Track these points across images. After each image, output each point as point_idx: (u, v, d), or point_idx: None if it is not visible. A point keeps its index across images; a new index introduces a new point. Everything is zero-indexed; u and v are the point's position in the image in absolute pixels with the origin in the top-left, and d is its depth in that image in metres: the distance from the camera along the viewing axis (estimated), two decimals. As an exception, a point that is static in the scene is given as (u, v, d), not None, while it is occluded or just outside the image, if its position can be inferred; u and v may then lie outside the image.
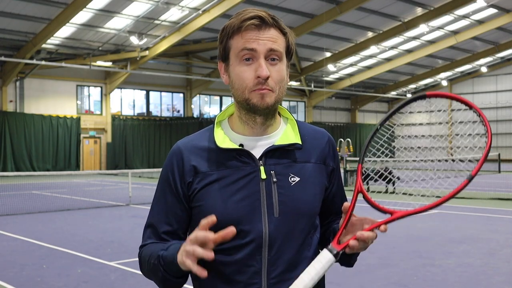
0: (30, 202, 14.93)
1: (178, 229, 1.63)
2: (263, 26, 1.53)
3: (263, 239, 1.54)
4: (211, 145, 1.61)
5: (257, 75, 1.51)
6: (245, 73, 1.53)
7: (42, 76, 29.38)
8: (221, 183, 1.56)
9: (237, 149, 1.58)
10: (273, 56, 1.53)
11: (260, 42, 1.52)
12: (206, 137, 1.64)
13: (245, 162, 1.58)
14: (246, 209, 1.55)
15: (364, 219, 1.49)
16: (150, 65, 32.43)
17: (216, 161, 1.59)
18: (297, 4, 25.83)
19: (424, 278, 6.59)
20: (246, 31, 1.52)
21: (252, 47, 1.51)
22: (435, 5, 28.10)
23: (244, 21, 1.52)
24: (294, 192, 1.58)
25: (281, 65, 1.56)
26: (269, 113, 1.59)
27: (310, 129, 1.71)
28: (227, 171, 1.57)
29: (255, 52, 1.52)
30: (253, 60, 1.53)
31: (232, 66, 1.57)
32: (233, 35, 1.55)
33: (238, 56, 1.54)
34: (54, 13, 22.76)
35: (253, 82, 1.52)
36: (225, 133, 1.63)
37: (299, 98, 42.62)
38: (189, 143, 1.65)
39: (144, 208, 13.66)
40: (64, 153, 29.86)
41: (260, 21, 1.52)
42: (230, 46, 1.56)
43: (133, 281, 6.50)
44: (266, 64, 1.52)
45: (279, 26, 1.56)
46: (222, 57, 1.61)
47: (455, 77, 46.36)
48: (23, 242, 9.15)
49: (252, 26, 1.52)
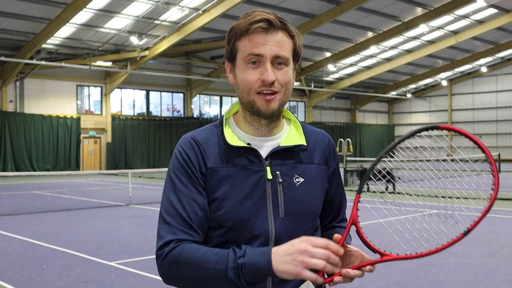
0: (30, 202, 14.93)
1: (203, 218, 1.55)
2: (271, 29, 1.53)
3: (270, 238, 1.55)
4: (221, 141, 1.61)
5: (262, 78, 1.52)
6: (250, 75, 1.53)
7: (42, 76, 29.38)
8: (230, 180, 1.56)
9: (246, 147, 1.58)
10: (279, 61, 1.54)
11: (267, 47, 1.52)
12: (215, 133, 1.63)
13: (253, 162, 1.58)
14: (253, 208, 1.55)
15: (354, 252, 1.45)
16: (150, 65, 32.43)
17: (226, 158, 1.58)
18: (297, 4, 25.83)
19: (424, 278, 6.59)
20: (253, 34, 1.52)
21: (259, 52, 1.51)
22: (435, 5, 28.10)
23: (252, 23, 1.52)
24: (299, 193, 1.60)
25: (287, 69, 1.56)
26: (274, 116, 1.60)
27: (312, 130, 1.72)
28: (235, 168, 1.57)
29: (262, 57, 1.52)
30: (260, 64, 1.53)
31: (239, 68, 1.57)
32: (240, 37, 1.55)
33: (245, 60, 1.54)
34: (54, 13, 22.76)
35: (257, 84, 1.53)
36: (233, 131, 1.64)
37: (299, 98, 42.62)
38: (200, 135, 1.63)
39: (144, 208, 13.66)
40: (64, 153, 29.86)
41: (268, 25, 1.52)
42: (237, 48, 1.56)
43: (132, 281, 6.50)
44: (272, 68, 1.53)
45: (287, 29, 1.56)
46: (229, 58, 1.61)
47: (455, 77, 46.36)
48: (23, 242, 9.15)
49: (260, 29, 1.52)
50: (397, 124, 51.67)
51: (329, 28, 29.40)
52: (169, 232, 1.51)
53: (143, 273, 6.87)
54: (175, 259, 1.47)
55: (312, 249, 1.32)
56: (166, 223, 1.53)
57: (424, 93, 49.29)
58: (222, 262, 1.41)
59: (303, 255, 1.32)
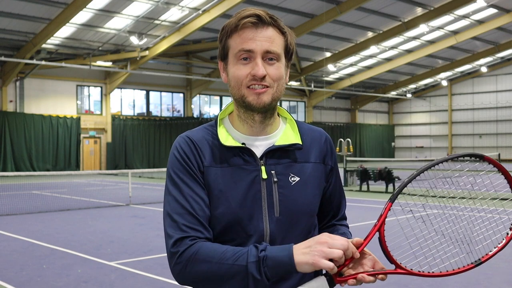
0: (30, 202, 14.93)
1: (208, 214, 1.54)
2: (260, 24, 1.53)
3: (264, 238, 1.55)
4: (215, 141, 1.61)
5: (253, 73, 1.51)
6: (240, 70, 1.53)
7: (42, 76, 29.38)
8: (224, 180, 1.56)
9: (240, 147, 1.58)
10: (270, 56, 1.53)
11: (258, 42, 1.51)
12: (210, 133, 1.64)
13: (247, 161, 1.58)
14: (248, 208, 1.55)
15: (367, 256, 1.47)
16: (150, 65, 32.44)
17: (220, 158, 1.58)
18: (297, 4, 25.83)
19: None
20: (243, 29, 1.52)
21: (249, 48, 1.51)
22: (435, 5, 28.11)
23: (241, 19, 1.52)
24: (294, 192, 1.59)
25: (278, 64, 1.55)
26: (267, 111, 1.58)
27: (308, 128, 1.71)
28: (230, 168, 1.57)
29: (252, 53, 1.52)
30: (250, 60, 1.53)
31: (230, 65, 1.57)
32: (231, 34, 1.55)
33: (236, 56, 1.54)
34: (54, 13, 22.76)
35: (248, 78, 1.52)
36: (228, 131, 1.63)
37: (299, 98, 42.63)
38: (195, 135, 1.63)
39: (144, 208, 13.66)
40: (64, 153, 29.86)
41: (257, 19, 1.52)
42: (228, 46, 1.57)
43: (132, 281, 6.50)
44: (263, 63, 1.53)
45: (277, 26, 1.56)
46: (221, 56, 1.62)
47: (455, 77, 46.37)
48: (23, 242, 9.14)
49: (249, 24, 1.52)
50: (397, 124, 51.67)
51: (329, 28, 29.41)
52: (180, 230, 1.49)
53: (143, 273, 6.87)
54: (193, 257, 1.45)
55: (331, 241, 1.36)
56: (175, 222, 1.51)
57: (424, 93, 49.29)
58: (243, 258, 1.40)
59: (322, 245, 1.36)
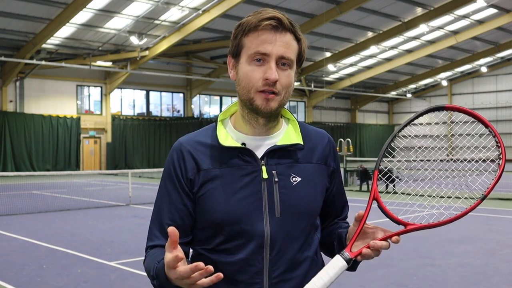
0: (30, 202, 14.92)
1: (182, 224, 1.59)
2: (280, 28, 1.52)
3: (265, 239, 1.54)
4: (214, 143, 1.60)
5: (265, 77, 1.50)
6: (254, 72, 1.52)
7: (42, 76, 29.38)
8: (223, 181, 1.56)
9: (240, 148, 1.57)
10: (284, 62, 1.53)
11: (275, 46, 1.51)
12: (209, 134, 1.63)
13: (247, 161, 1.57)
14: (248, 208, 1.54)
15: (375, 228, 1.50)
16: (150, 65, 32.43)
17: (219, 159, 1.58)
18: (297, 4, 25.83)
19: (424, 278, 6.59)
20: (262, 31, 1.51)
21: (265, 51, 1.50)
22: (435, 5, 28.10)
23: (262, 20, 1.50)
24: (296, 192, 1.58)
25: (290, 72, 1.55)
26: (272, 116, 1.58)
27: (311, 129, 1.71)
28: (229, 169, 1.57)
29: (267, 56, 1.51)
30: (264, 62, 1.52)
31: (242, 64, 1.55)
32: (248, 33, 1.53)
33: (250, 56, 1.52)
34: (54, 13, 22.76)
35: (261, 82, 1.51)
36: (228, 132, 1.63)
37: (299, 98, 42.62)
38: (191, 140, 1.64)
39: (144, 208, 13.67)
40: (64, 153, 29.86)
41: (277, 23, 1.51)
42: (243, 44, 1.54)
43: (133, 281, 6.50)
44: (276, 68, 1.52)
45: (294, 32, 1.56)
46: (233, 53, 1.59)
47: (455, 77, 46.36)
48: (23, 242, 9.15)
49: (269, 27, 1.51)
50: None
51: (329, 28, 29.40)
52: (149, 239, 1.63)
53: (143, 273, 6.86)
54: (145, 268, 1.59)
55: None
56: (149, 229, 1.65)
57: (424, 93, 49.29)
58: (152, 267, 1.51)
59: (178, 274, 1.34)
